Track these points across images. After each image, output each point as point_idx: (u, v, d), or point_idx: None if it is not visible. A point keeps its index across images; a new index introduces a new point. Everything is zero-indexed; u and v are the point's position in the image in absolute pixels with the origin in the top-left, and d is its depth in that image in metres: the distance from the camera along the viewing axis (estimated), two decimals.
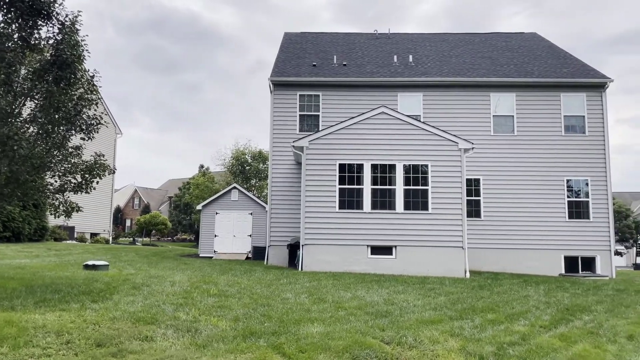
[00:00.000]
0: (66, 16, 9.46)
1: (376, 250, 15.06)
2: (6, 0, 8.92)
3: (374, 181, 15.23)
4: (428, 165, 15.26)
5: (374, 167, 15.28)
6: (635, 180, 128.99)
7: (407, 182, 15.21)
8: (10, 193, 9.52)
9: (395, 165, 15.27)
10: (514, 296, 10.55)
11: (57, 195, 10.18)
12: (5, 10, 9.02)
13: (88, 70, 10.12)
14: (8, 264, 13.62)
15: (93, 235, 32.38)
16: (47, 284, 9.55)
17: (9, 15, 9.05)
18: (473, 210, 17.84)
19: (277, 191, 18.21)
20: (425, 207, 15.11)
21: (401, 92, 18.66)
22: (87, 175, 10.06)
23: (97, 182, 10.42)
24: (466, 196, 16.51)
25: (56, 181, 10.13)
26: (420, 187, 15.19)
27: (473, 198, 17.96)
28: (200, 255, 22.64)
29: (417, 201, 15.15)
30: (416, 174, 15.26)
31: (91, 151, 10.71)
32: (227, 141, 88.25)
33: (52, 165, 9.79)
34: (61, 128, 9.70)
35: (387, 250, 15.08)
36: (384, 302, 8.97)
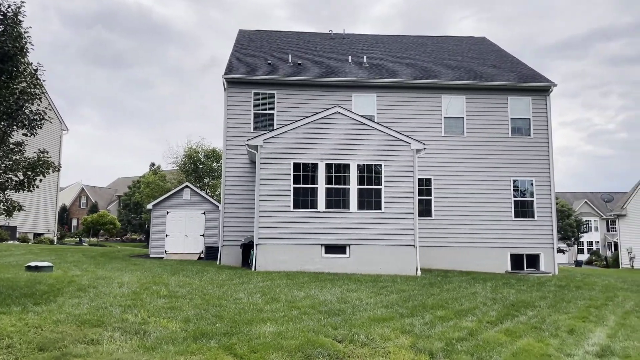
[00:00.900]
0: (8, 7, 9.03)
1: (330, 249, 15.14)
2: None
3: (329, 180, 15.30)
4: (381, 165, 15.46)
5: (329, 167, 15.35)
6: (576, 181, 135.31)
7: (361, 182, 15.37)
8: None
9: (349, 164, 15.39)
10: (463, 293, 10.85)
11: None
12: None
13: (31, 63, 9.69)
14: None
15: (37, 235, 31.01)
16: None
17: None
18: (424, 209, 18.21)
19: (231, 190, 18.00)
20: (378, 207, 15.31)
21: (356, 93, 18.83)
22: (30, 172, 9.62)
23: (41, 180, 9.99)
24: (418, 196, 16.85)
25: None
26: (373, 187, 15.37)
27: (424, 197, 18.34)
28: (150, 255, 22.09)
29: (371, 200, 15.33)
30: (370, 174, 15.43)
31: (34, 148, 10.26)
32: (180, 139, 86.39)
33: None
34: (2, 123, 9.24)
35: (341, 249, 15.18)
36: (337, 301, 9.02)
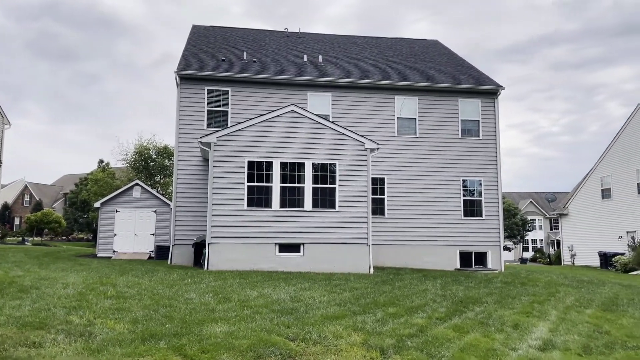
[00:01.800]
0: None
1: (284, 248, 15.10)
2: None
3: (283, 179, 15.25)
4: (336, 164, 15.55)
5: (284, 165, 15.30)
6: (522, 181, 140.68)
7: (316, 181, 15.40)
8: None
9: (304, 163, 15.40)
10: (414, 290, 11.06)
11: None
12: None
13: None
14: None
15: None
16: None
17: None
18: (378, 208, 18.46)
19: (183, 188, 17.66)
20: (332, 205, 15.39)
21: (311, 92, 18.86)
22: None
23: None
24: (372, 195, 17.06)
25: None
26: (328, 186, 15.44)
27: (378, 196, 18.58)
28: (98, 255, 21.39)
29: (325, 199, 15.39)
30: (324, 173, 15.49)
31: None
32: (130, 135, 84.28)
33: None
34: None
35: (295, 248, 15.18)
36: (291, 300, 9.01)
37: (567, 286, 13.57)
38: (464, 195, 19.21)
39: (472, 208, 19.17)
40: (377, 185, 18.66)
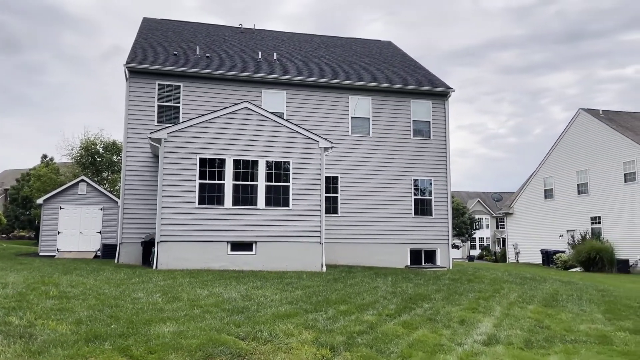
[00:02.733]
0: None
1: (237, 246, 14.95)
2: None
3: (236, 177, 15.09)
4: (290, 162, 15.52)
5: (237, 163, 15.13)
6: (471, 181, 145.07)
7: (270, 179, 15.32)
8: None
9: (258, 161, 15.28)
10: (365, 288, 11.19)
11: None
12: None
13: None
14: None
15: None
16: None
17: None
18: (331, 206, 18.57)
19: (132, 185, 17.17)
20: (286, 204, 15.35)
21: (265, 89, 18.74)
22: None
23: None
24: (325, 193, 17.14)
25: None
26: (282, 184, 15.39)
27: (331, 195, 18.69)
28: (40, 254, 20.52)
29: (279, 197, 15.34)
30: (278, 171, 15.44)
31: None
32: (76, 129, 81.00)
33: None
34: None
35: (248, 246, 15.05)
36: (242, 298, 8.93)
37: (511, 283, 14.08)
38: (415, 194, 19.61)
39: (423, 207, 19.59)
40: (331, 184, 18.77)
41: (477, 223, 63.25)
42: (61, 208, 21.31)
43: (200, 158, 14.90)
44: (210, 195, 14.87)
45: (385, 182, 19.31)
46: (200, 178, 14.84)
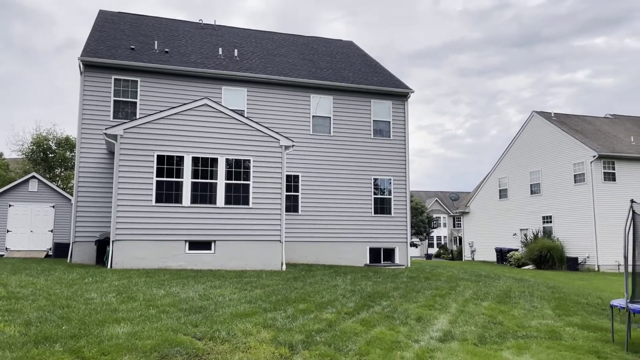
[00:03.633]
0: None
1: (195, 245, 14.71)
2: None
3: (195, 174, 14.85)
4: (250, 160, 15.40)
5: (196, 160, 14.89)
6: (429, 180, 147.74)
7: (229, 177, 15.16)
8: None
9: (217, 159, 15.09)
10: (325, 286, 11.23)
11: None
12: None
13: None
14: None
15: None
16: None
17: None
18: (292, 205, 18.54)
19: (86, 182, 16.65)
20: (246, 202, 15.23)
21: (226, 86, 18.52)
22: None
23: None
24: (286, 192, 17.09)
25: None
26: (241, 182, 15.25)
27: (292, 193, 18.66)
28: None
29: (239, 196, 15.19)
30: (238, 169, 15.28)
31: None
32: (27, 124, 77.67)
33: None
34: None
35: (206, 245, 14.84)
36: (200, 298, 8.80)
37: (467, 280, 14.42)
38: (375, 193, 19.81)
39: (382, 206, 19.82)
40: (292, 182, 18.73)
41: (435, 222, 64.48)
42: (10, 205, 20.46)
43: (157, 155, 14.59)
44: (168, 193, 14.58)
45: (345, 181, 19.43)
46: (157, 175, 14.53)
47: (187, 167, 14.76)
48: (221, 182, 15.02)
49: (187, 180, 14.73)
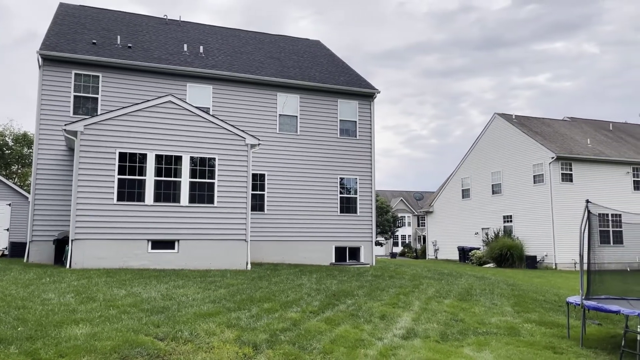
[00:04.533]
0: None
1: (158, 244, 14.46)
2: None
3: (158, 172, 14.59)
4: (215, 158, 15.23)
5: (159, 158, 14.64)
6: (394, 180, 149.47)
7: (194, 175, 14.96)
8: None
9: (181, 157, 14.87)
10: (290, 285, 11.22)
11: None
12: None
13: None
14: None
15: None
16: None
17: None
18: (257, 204, 18.44)
19: (44, 180, 16.13)
20: (211, 201, 15.06)
21: (191, 83, 18.26)
22: None
23: None
24: (252, 190, 16.96)
25: None
26: (206, 180, 15.07)
27: (258, 192, 18.55)
28: None
29: (203, 194, 15.01)
30: (203, 167, 15.10)
31: None
32: None
33: None
34: None
35: (170, 244, 14.61)
36: (162, 298, 8.66)
37: (430, 279, 14.66)
38: (341, 192, 19.91)
39: (348, 205, 19.94)
40: (258, 181, 18.63)
41: (400, 221, 65.28)
42: None
43: (119, 152, 14.27)
44: (130, 191, 14.28)
45: (312, 180, 19.45)
46: (119, 173, 14.21)
47: (150, 165, 14.50)
48: (185, 181, 14.81)
49: (150, 178, 14.46)
